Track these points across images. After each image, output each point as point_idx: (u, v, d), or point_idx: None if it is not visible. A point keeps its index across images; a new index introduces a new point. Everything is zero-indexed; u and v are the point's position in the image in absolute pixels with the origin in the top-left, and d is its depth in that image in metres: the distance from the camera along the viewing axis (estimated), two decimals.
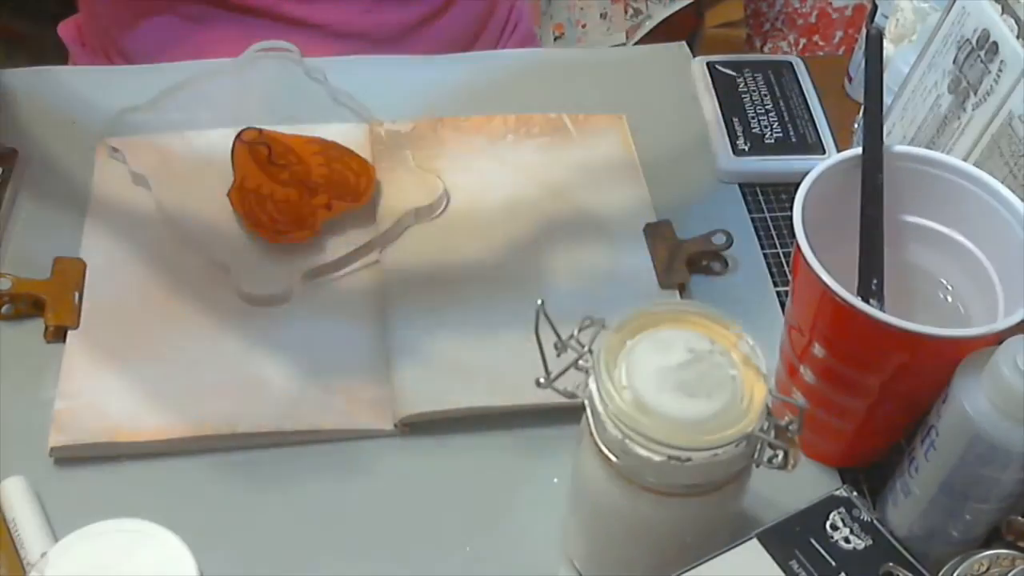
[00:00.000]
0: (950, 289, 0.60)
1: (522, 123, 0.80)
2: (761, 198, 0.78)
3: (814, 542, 0.50)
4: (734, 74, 0.85)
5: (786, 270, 0.73)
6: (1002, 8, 0.62)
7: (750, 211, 0.77)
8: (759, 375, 0.48)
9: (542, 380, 0.50)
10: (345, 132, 0.76)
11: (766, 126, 0.81)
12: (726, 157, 0.79)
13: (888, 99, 0.71)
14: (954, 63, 0.66)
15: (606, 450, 0.49)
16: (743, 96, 0.83)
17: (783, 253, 0.74)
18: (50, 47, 0.82)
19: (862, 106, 0.61)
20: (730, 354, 0.49)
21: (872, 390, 0.56)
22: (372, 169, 0.73)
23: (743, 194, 0.78)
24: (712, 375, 0.48)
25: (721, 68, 0.85)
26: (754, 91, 0.83)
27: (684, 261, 0.70)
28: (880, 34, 0.61)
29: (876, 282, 0.56)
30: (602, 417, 0.48)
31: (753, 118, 0.81)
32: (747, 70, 0.85)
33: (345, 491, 0.62)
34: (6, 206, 0.73)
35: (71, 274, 0.68)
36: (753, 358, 0.48)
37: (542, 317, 0.49)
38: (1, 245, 0.71)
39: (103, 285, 0.68)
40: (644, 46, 0.91)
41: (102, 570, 0.46)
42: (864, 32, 0.85)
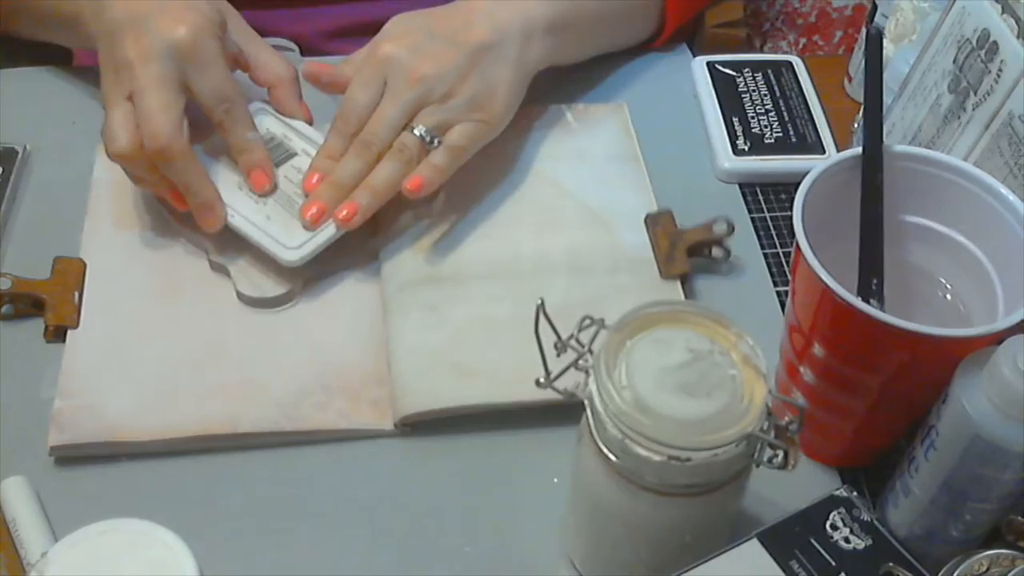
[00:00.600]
0: (950, 289, 0.60)
1: (522, 116, 0.79)
2: (761, 198, 0.78)
3: (814, 542, 0.50)
4: (734, 74, 0.85)
5: (786, 270, 0.73)
6: (1002, 8, 0.62)
7: (750, 211, 0.77)
8: (759, 375, 0.48)
9: (542, 380, 0.50)
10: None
11: (766, 126, 0.81)
12: (726, 157, 0.79)
13: (888, 99, 0.71)
14: (954, 63, 0.66)
15: (606, 450, 0.49)
16: (743, 96, 0.83)
17: (783, 253, 0.74)
18: (50, 47, 0.82)
19: (862, 106, 0.61)
20: (730, 354, 0.49)
21: (872, 390, 0.56)
22: None
23: (743, 194, 0.78)
24: (712, 375, 0.48)
25: (721, 68, 0.85)
26: (754, 91, 0.83)
27: (685, 250, 0.70)
28: (880, 34, 0.61)
29: (876, 282, 0.56)
30: (602, 417, 0.48)
31: (753, 118, 0.81)
32: (747, 70, 0.85)
33: (345, 491, 0.62)
34: (6, 206, 0.73)
35: (71, 274, 0.68)
36: (753, 358, 0.48)
37: (542, 317, 0.49)
38: (1, 245, 0.71)
39: (103, 285, 0.68)
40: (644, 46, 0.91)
41: (102, 570, 0.46)
42: (864, 32, 0.85)
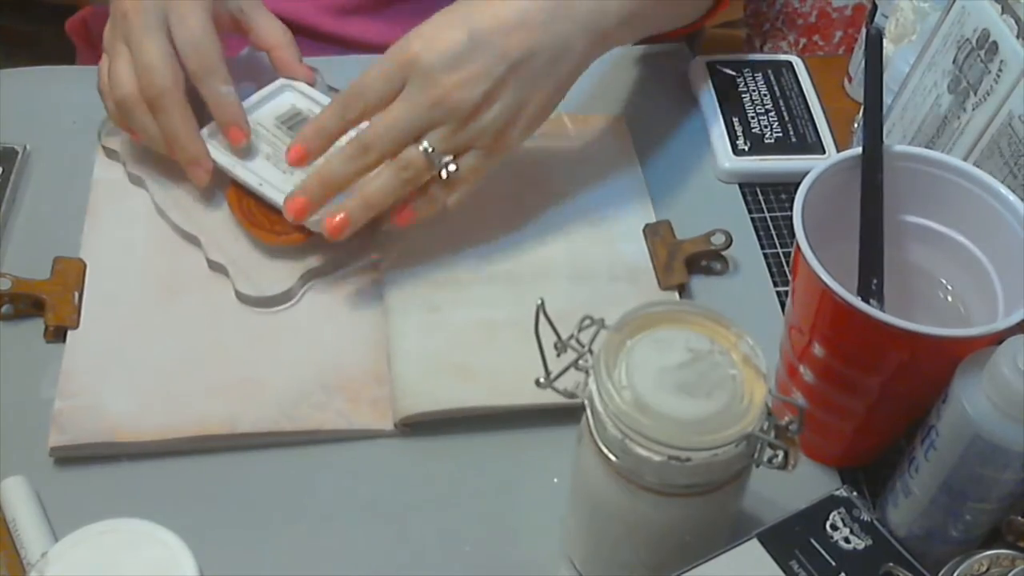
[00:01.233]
0: (950, 289, 0.60)
1: None
2: (761, 198, 0.78)
3: (814, 542, 0.50)
4: (734, 74, 0.85)
5: (786, 270, 0.73)
6: (1002, 8, 0.62)
7: (750, 211, 0.77)
8: (759, 375, 0.48)
9: (542, 380, 0.50)
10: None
11: (766, 126, 0.81)
12: (726, 157, 0.79)
13: (888, 99, 0.71)
14: (954, 63, 0.66)
15: (606, 450, 0.49)
16: (743, 96, 0.83)
17: (783, 253, 0.74)
18: (50, 47, 0.82)
19: (862, 106, 0.61)
20: (730, 354, 0.49)
21: (872, 390, 0.56)
22: None
23: (743, 194, 0.78)
24: (712, 375, 0.48)
25: (721, 68, 0.85)
26: (754, 91, 0.83)
27: (684, 261, 0.70)
28: (880, 34, 0.61)
29: (876, 282, 0.56)
30: (602, 417, 0.48)
31: (753, 118, 0.81)
32: (747, 70, 0.85)
33: (345, 491, 0.62)
34: (6, 206, 0.73)
35: (71, 274, 0.68)
36: (753, 358, 0.48)
37: (542, 317, 0.49)
38: (1, 245, 0.71)
39: (103, 285, 0.68)
40: (644, 46, 0.91)
41: (102, 570, 0.46)
42: (864, 32, 0.85)
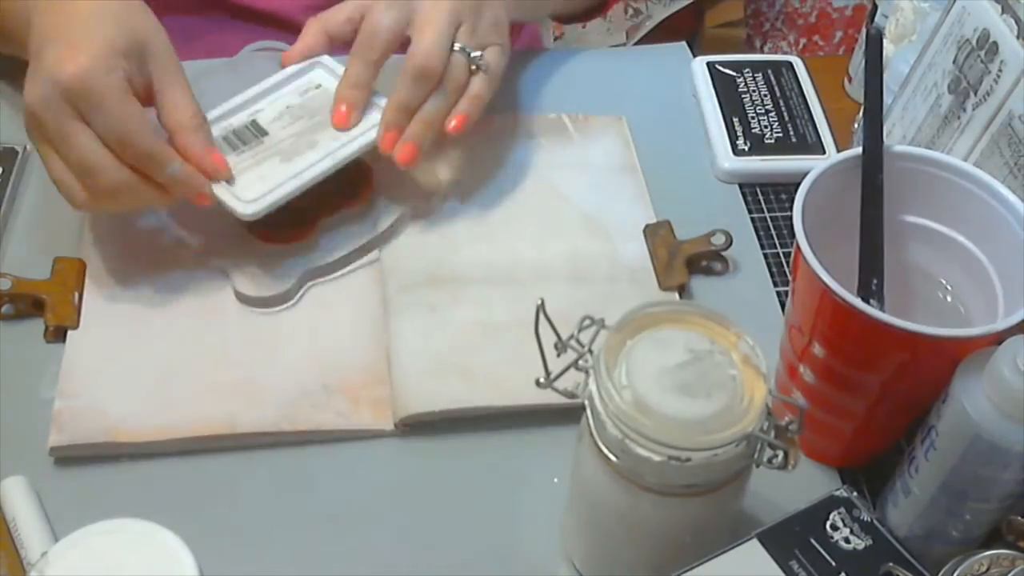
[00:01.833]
0: (950, 289, 0.60)
1: (522, 124, 0.80)
2: (761, 198, 0.78)
3: (814, 542, 0.50)
4: (734, 74, 0.85)
5: (786, 270, 0.73)
6: (1002, 8, 0.62)
7: (750, 211, 0.77)
8: (759, 375, 0.48)
9: (542, 380, 0.50)
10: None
11: (766, 126, 0.81)
12: (726, 157, 0.79)
13: (888, 99, 0.71)
14: (954, 63, 0.66)
15: (606, 450, 0.49)
16: (743, 96, 0.83)
17: (783, 253, 0.75)
18: None
19: (862, 106, 0.61)
20: (730, 354, 0.49)
21: (872, 390, 0.56)
22: (370, 169, 0.73)
23: (743, 194, 0.78)
24: (712, 375, 0.48)
25: (721, 68, 0.85)
26: (754, 91, 0.83)
27: (684, 262, 0.70)
28: (880, 34, 0.61)
29: (876, 282, 0.56)
30: (602, 417, 0.48)
31: (753, 118, 0.81)
32: (747, 70, 0.85)
33: (345, 491, 0.62)
34: (6, 206, 0.73)
35: (71, 274, 0.68)
36: (753, 358, 0.48)
37: (542, 317, 0.49)
38: (1, 245, 0.71)
39: (103, 285, 0.68)
40: (644, 46, 0.91)
41: (102, 570, 0.46)
42: (864, 32, 0.85)
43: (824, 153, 0.79)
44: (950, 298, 0.60)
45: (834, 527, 0.51)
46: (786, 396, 0.60)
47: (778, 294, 0.72)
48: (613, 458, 0.48)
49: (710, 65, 0.85)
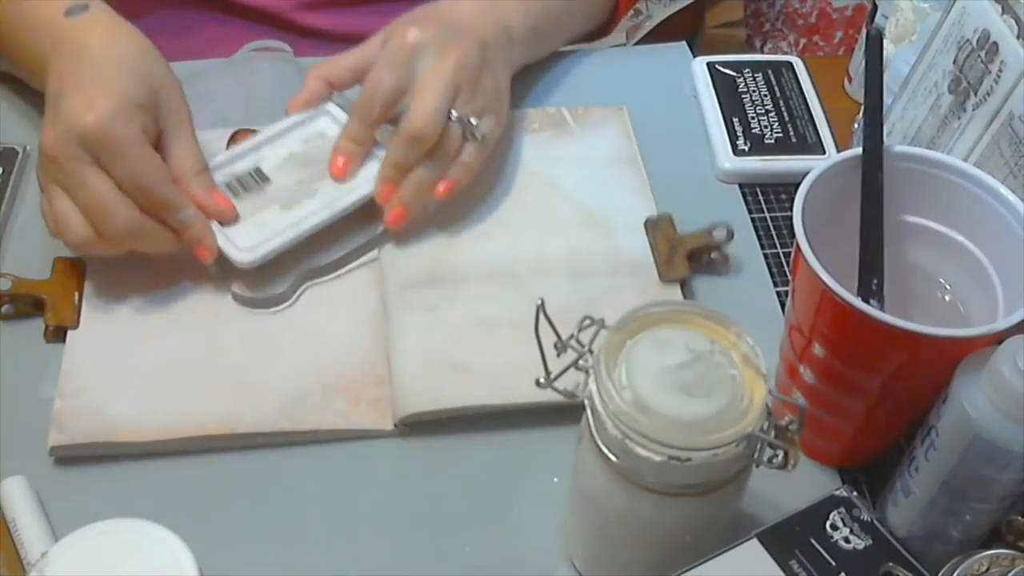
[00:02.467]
0: (950, 289, 0.60)
1: (521, 118, 0.80)
2: (761, 198, 0.78)
3: (814, 542, 0.50)
4: (734, 74, 0.85)
5: (786, 270, 0.73)
6: (1002, 8, 0.62)
7: (750, 211, 0.77)
8: (759, 375, 0.48)
9: (542, 380, 0.50)
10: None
11: (766, 126, 0.81)
12: (726, 157, 0.79)
13: (888, 99, 0.71)
14: (954, 63, 0.66)
15: (606, 450, 0.49)
16: (743, 96, 0.83)
17: (783, 253, 0.74)
18: None
19: (862, 106, 0.61)
20: (730, 354, 0.49)
21: (872, 390, 0.56)
22: None
23: (743, 194, 0.78)
24: (712, 375, 0.48)
25: (721, 68, 0.85)
26: (754, 91, 0.83)
27: (685, 255, 0.70)
28: (880, 34, 0.61)
29: (876, 282, 0.56)
30: (602, 417, 0.48)
31: (753, 118, 0.81)
32: (747, 70, 0.85)
33: (345, 491, 0.62)
34: (6, 206, 0.73)
35: (71, 274, 0.68)
36: (753, 358, 0.48)
37: (542, 317, 0.49)
38: (1, 245, 0.71)
39: (103, 285, 0.68)
40: (644, 46, 0.91)
41: (102, 570, 0.46)
42: (864, 32, 0.85)
43: (824, 153, 0.79)
44: (950, 298, 0.60)
45: (834, 527, 0.51)
46: (786, 396, 0.60)
47: (778, 294, 0.72)
48: (613, 458, 0.48)
49: (710, 65, 0.85)
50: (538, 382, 0.50)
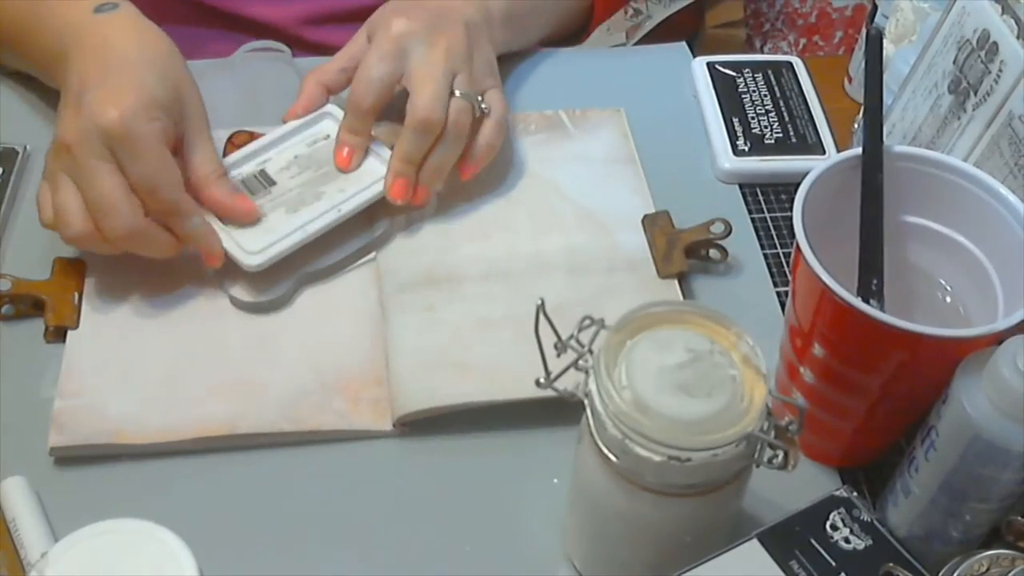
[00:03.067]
0: (950, 289, 0.60)
1: (519, 121, 0.80)
2: (761, 198, 0.78)
3: (814, 542, 0.50)
4: (734, 74, 0.85)
5: (786, 270, 0.73)
6: (1002, 8, 0.62)
7: (750, 211, 0.77)
8: (759, 375, 0.48)
9: (542, 380, 0.50)
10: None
11: (766, 126, 0.81)
12: (726, 157, 0.79)
13: (888, 99, 0.71)
14: (954, 63, 0.66)
15: (606, 450, 0.49)
16: (743, 96, 0.83)
17: (783, 253, 0.74)
18: None
19: (862, 106, 0.61)
20: (730, 354, 0.49)
21: (872, 390, 0.56)
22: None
23: (743, 194, 0.78)
24: (712, 375, 0.48)
25: (721, 68, 0.85)
26: (754, 91, 0.83)
27: (683, 250, 0.70)
28: (880, 34, 0.61)
29: (876, 282, 0.56)
30: (602, 417, 0.48)
31: (753, 118, 0.81)
32: (747, 70, 0.85)
33: (345, 491, 0.62)
34: (6, 206, 0.73)
35: (71, 274, 0.68)
36: (753, 358, 0.48)
37: (542, 316, 0.49)
38: (1, 245, 0.71)
39: (103, 285, 0.68)
40: (644, 46, 0.91)
41: (102, 570, 0.46)
42: (864, 32, 0.85)
43: (824, 153, 0.79)
44: (950, 298, 0.60)
45: (834, 527, 0.51)
46: (786, 396, 0.60)
47: (778, 294, 0.72)
48: (613, 458, 0.48)
49: (710, 65, 0.85)
50: (538, 382, 0.50)
